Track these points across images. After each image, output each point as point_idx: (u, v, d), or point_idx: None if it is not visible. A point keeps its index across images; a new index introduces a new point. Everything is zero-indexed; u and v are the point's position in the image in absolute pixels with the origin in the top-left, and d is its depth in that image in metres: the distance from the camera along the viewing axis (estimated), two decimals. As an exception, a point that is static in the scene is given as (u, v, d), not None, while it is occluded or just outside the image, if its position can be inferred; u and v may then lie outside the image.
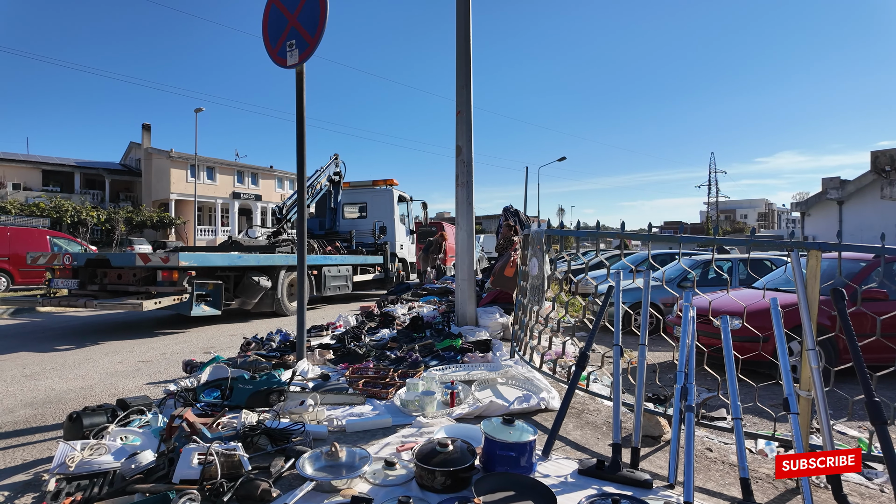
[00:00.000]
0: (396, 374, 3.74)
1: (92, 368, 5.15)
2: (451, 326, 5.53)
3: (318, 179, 12.84)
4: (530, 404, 3.15)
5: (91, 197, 37.14)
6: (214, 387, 3.27)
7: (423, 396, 3.10)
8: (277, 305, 9.09)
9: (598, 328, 2.97)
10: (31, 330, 7.70)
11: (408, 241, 15.31)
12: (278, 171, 44.07)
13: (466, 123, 5.46)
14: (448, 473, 2.19)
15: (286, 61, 4.15)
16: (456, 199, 5.53)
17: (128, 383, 4.57)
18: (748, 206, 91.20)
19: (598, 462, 2.41)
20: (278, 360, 4.19)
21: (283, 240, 10.46)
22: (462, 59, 5.50)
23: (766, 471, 2.60)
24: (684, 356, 2.58)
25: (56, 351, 6.05)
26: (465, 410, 3.08)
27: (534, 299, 3.59)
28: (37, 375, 4.86)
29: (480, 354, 4.25)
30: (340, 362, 4.26)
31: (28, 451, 3.03)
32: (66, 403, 3.99)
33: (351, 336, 5.12)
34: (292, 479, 2.33)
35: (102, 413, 2.88)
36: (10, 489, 2.38)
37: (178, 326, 8.00)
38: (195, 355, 5.74)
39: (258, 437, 2.60)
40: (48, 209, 30.13)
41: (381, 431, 2.88)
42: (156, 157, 37.77)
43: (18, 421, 3.58)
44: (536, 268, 3.52)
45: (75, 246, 15.66)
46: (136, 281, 7.36)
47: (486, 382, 3.62)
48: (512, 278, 5.18)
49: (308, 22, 4.02)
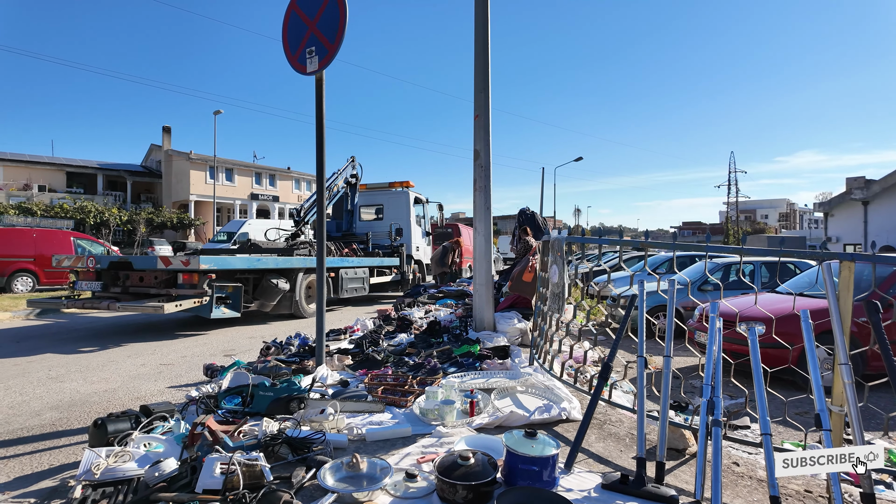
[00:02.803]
0: (415, 381, 3.73)
1: (115, 371, 5.23)
2: (468, 331, 5.50)
3: (335, 182, 12.91)
4: (551, 414, 3.11)
5: (113, 198, 37.88)
6: (235, 393, 3.29)
7: (442, 405, 3.08)
8: (295, 307, 9.16)
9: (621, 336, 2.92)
10: (56, 331, 7.86)
11: (424, 243, 15.33)
12: (295, 173, 44.49)
13: (484, 128, 5.42)
14: (470, 487, 2.17)
15: (306, 68, 4.16)
16: (473, 203, 5.50)
17: (149, 386, 4.63)
18: (769, 206, 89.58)
19: (623, 476, 2.37)
20: (298, 366, 4.20)
21: (300, 242, 10.52)
22: (480, 63, 5.47)
23: (796, 486, 2.53)
24: (710, 369, 2.52)
25: (80, 353, 6.16)
26: (485, 420, 3.06)
27: (554, 306, 3.55)
28: (62, 377, 4.95)
29: (499, 361, 4.22)
30: (359, 368, 4.26)
31: (54, 455, 3.08)
32: (90, 407, 4.06)
33: (369, 341, 5.12)
34: (313, 489, 2.33)
35: (126, 419, 2.91)
36: (37, 495, 2.42)
37: (198, 328, 8.10)
38: (215, 358, 5.80)
39: (279, 446, 2.61)
40: (72, 210, 30.81)
41: (401, 441, 2.86)
42: (176, 159, 38.39)
43: (45, 424, 3.65)
44: (557, 275, 3.48)
45: (98, 247, 15.97)
46: (158, 283, 7.47)
47: (505, 391, 3.59)
48: (530, 283, 5.13)
49: (327, 28, 4.03)
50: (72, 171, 38.28)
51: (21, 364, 5.53)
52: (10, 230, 14.37)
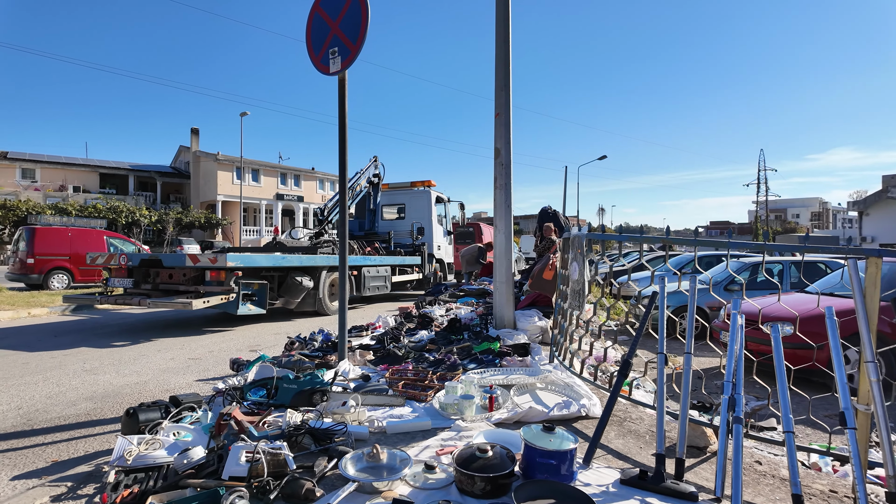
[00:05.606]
0: (435, 376, 3.77)
1: (146, 364, 5.41)
2: (489, 329, 5.52)
3: (357, 181, 13.06)
4: (570, 411, 3.12)
5: (144, 199, 38.95)
6: (260, 386, 3.38)
7: (462, 400, 3.11)
8: (319, 305, 9.30)
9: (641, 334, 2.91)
10: (90, 326, 8.14)
11: (445, 242, 15.38)
12: (320, 173, 45.05)
13: (505, 126, 5.44)
14: (488, 479, 2.19)
15: (329, 68, 4.23)
16: (494, 201, 5.52)
17: (178, 380, 4.77)
18: (800, 205, 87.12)
19: (641, 472, 2.36)
20: (321, 360, 4.28)
21: (324, 241, 10.68)
22: (501, 62, 5.48)
23: (820, 486, 2.49)
24: (732, 365, 2.50)
25: (113, 347, 6.38)
26: (503, 415, 3.08)
27: (574, 304, 3.55)
28: (96, 370, 5.14)
29: (519, 358, 4.23)
30: (380, 363, 4.33)
31: (89, 443, 3.21)
32: (122, 398, 4.21)
33: (390, 337, 5.19)
34: (335, 479, 2.38)
35: (157, 409, 3.02)
36: (73, 479, 2.53)
37: (224, 325, 8.30)
38: (241, 353, 5.95)
39: (302, 437, 2.67)
40: (105, 210, 31.79)
41: (421, 434, 2.90)
42: (204, 160, 39.24)
43: (80, 414, 3.80)
44: (577, 272, 3.48)
45: (129, 246, 16.46)
46: (186, 280, 7.68)
47: (525, 387, 3.61)
48: (551, 281, 5.12)
49: (350, 29, 4.09)
50: (105, 172, 39.50)
51: (58, 357, 5.76)
52: (47, 229, 14.90)
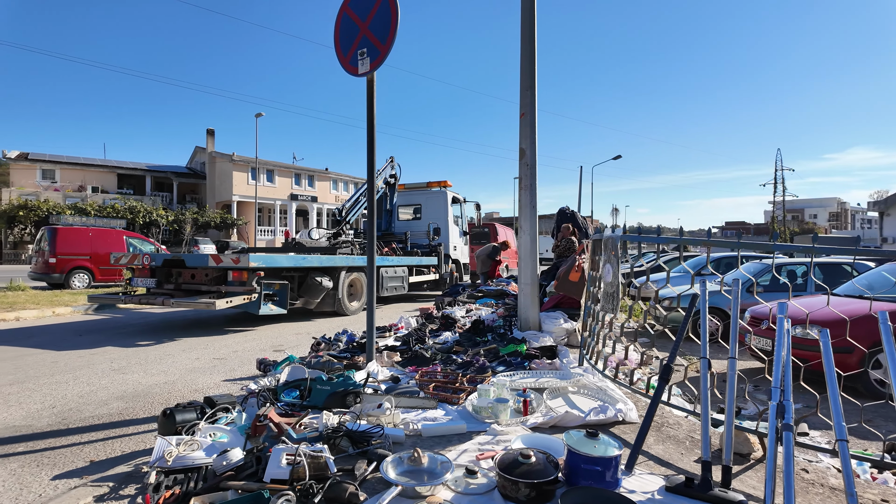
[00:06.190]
0: (465, 378, 3.74)
1: (172, 364, 5.44)
2: (513, 331, 5.48)
3: (375, 182, 13.08)
4: (607, 416, 3.07)
5: (160, 199, 39.41)
6: (293, 387, 3.38)
7: (496, 403, 3.08)
8: (338, 305, 9.33)
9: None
10: (113, 326, 8.24)
11: (461, 243, 15.35)
12: (333, 173, 45.26)
13: (530, 126, 5.39)
14: (532, 485, 2.16)
15: (357, 69, 4.23)
16: (518, 202, 5.47)
17: (206, 380, 4.80)
18: (818, 205, 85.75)
19: (687, 480, 2.31)
20: (349, 361, 4.28)
21: (342, 241, 10.70)
22: (526, 62, 5.44)
23: (872, 496, 2.42)
24: (780, 372, 2.44)
25: (138, 346, 6.44)
26: (539, 420, 3.04)
27: (607, 306, 3.50)
28: (124, 369, 5.19)
29: (548, 361, 4.18)
30: (408, 365, 4.31)
31: (125, 442, 3.23)
32: (152, 398, 4.23)
33: (415, 338, 5.17)
34: (375, 482, 2.37)
35: (192, 410, 3.02)
36: (114, 480, 2.54)
37: (245, 324, 8.34)
38: (265, 353, 5.97)
39: (340, 439, 2.66)
40: (123, 210, 32.22)
41: (457, 437, 2.88)
42: (219, 161, 39.62)
43: (113, 413, 3.83)
44: (611, 274, 3.43)
45: (148, 245, 16.65)
46: (209, 280, 7.73)
47: (556, 391, 3.57)
48: (577, 283, 5.08)
49: (379, 30, 4.08)
50: (122, 172, 40.02)
51: (85, 356, 5.82)
52: (69, 229, 15.12)
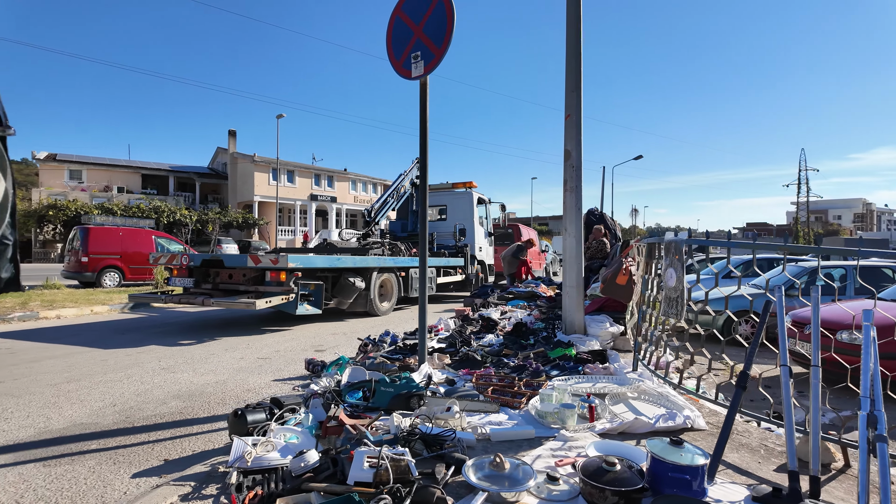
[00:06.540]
0: (521, 382, 3.73)
1: (218, 363, 5.51)
2: (556, 334, 5.45)
3: (402, 183, 13.11)
4: (675, 422, 3.03)
5: (183, 199, 40.01)
6: (357, 388, 3.40)
7: (562, 409, 3.06)
8: (370, 306, 9.37)
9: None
10: (151, 324, 8.38)
11: (486, 244, 15.33)
12: (352, 174, 45.53)
13: (576, 127, 5.36)
14: (620, 493, 2.14)
15: (411, 73, 4.24)
16: (563, 204, 5.45)
17: (256, 380, 4.84)
18: (842, 205, 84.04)
19: (774, 490, 2.28)
20: (401, 363, 4.29)
21: (373, 242, 10.75)
22: (572, 63, 5.41)
23: (963, 510, 2.36)
24: (868, 380, 2.38)
25: (181, 345, 6.53)
26: (606, 426, 3.01)
27: (670, 311, 3.46)
28: (173, 368, 5.27)
29: (602, 366, 4.15)
30: (460, 367, 4.31)
31: (193, 441, 3.28)
32: (207, 397, 4.29)
33: (461, 340, 5.16)
34: (456, 486, 2.37)
35: (262, 410, 3.06)
36: (194, 479, 2.57)
37: (280, 324, 8.42)
38: (306, 353, 6.02)
39: (415, 442, 2.67)
40: (147, 210, 32.78)
41: (526, 443, 2.87)
42: (241, 162, 40.08)
43: (173, 412, 3.89)
44: (675, 279, 3.39)
45: (175, 245, 16.91)
46: (246, 281, 7.82)
47: (616, 396, 3.54)
48: (625, 286, 5.04)
49: (434, 33, 4.09)
50: (146, 173, 40.72)
51: (132, 355, 5.93)
52: (100, 229, 15.40)
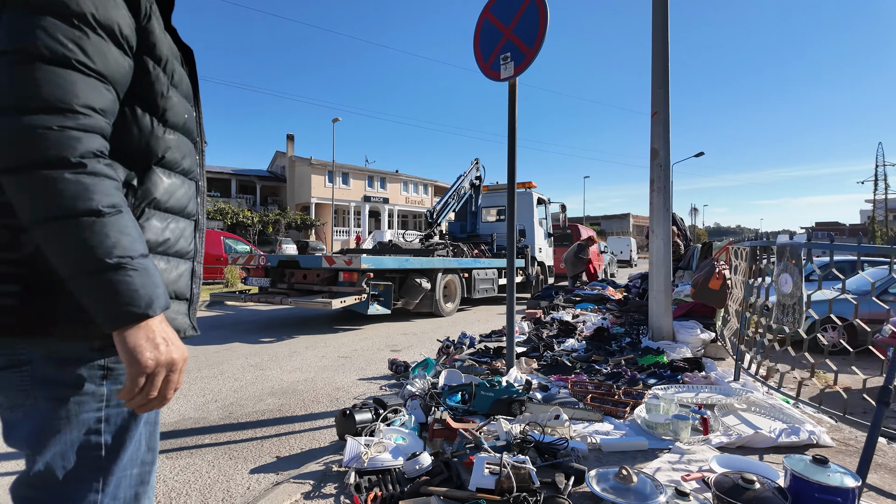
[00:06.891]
0: (620, 391, 3.62)
1: (302, 361, 5.67)
2: (642, 340, 5.27)
3: (461, 184, 13.11)
4: (800, 438, 2.85)
5: (245, 201, 41.68)
6: (455, 391, 3.40)
7: (675, 420, 2.94)
8: (435, 306, 9.42)
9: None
10: (229, 322, 8.74)
11: (546, 245, 15.11)
12: (403, 175, 46.08)
13: (663, 125, 5.17)
14: (764, 513, 2.02)
15: (500, 74, 4.20)
16: (650, 205, 5.27)
17: (342, 378, 4.94)
18: (926, 204, 77.46)
19: (935, 518, 2.09)
20: (489, 366, 4.27)
21: (436, 243, 10.80)
22: (658, 60, 5.22)
23: None
24: None
25: (262, 343, 6.77)
26: (723, 440, 2.87)
27: (784, 319, 3.26)
28: (260, 365, 5.46)
29: (702, 374, 3.98)
30: (550, 373, 4.23)
31: (299, 439, 3.37)
32: (300, 394, 4.41)
33: (544, 345, 5.09)
34: (579, 496, 2.31)
35: (368, 410, 3.10)
36: (311, 477, 2.63)
37: (350, 323, 8.60)
38: (383, 352, 6.11)
39: (529, 450, 2.63)
40: (213, 212, 34.34)
41: (641, 455, 2.77)
42: (298, 165, 41.36)
43: (272, 409, 4.02)
44: (790, 285, 3.19)
45: (242, 245, 17.68)
46: (320, 281, 8.03)
47: (724, 408, 3.37)
48: (718, 291, 4.81)
49: (525, 34, 4.03)
50: (211, 176, 42.63)
51: (220, 351, 6.19)
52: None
